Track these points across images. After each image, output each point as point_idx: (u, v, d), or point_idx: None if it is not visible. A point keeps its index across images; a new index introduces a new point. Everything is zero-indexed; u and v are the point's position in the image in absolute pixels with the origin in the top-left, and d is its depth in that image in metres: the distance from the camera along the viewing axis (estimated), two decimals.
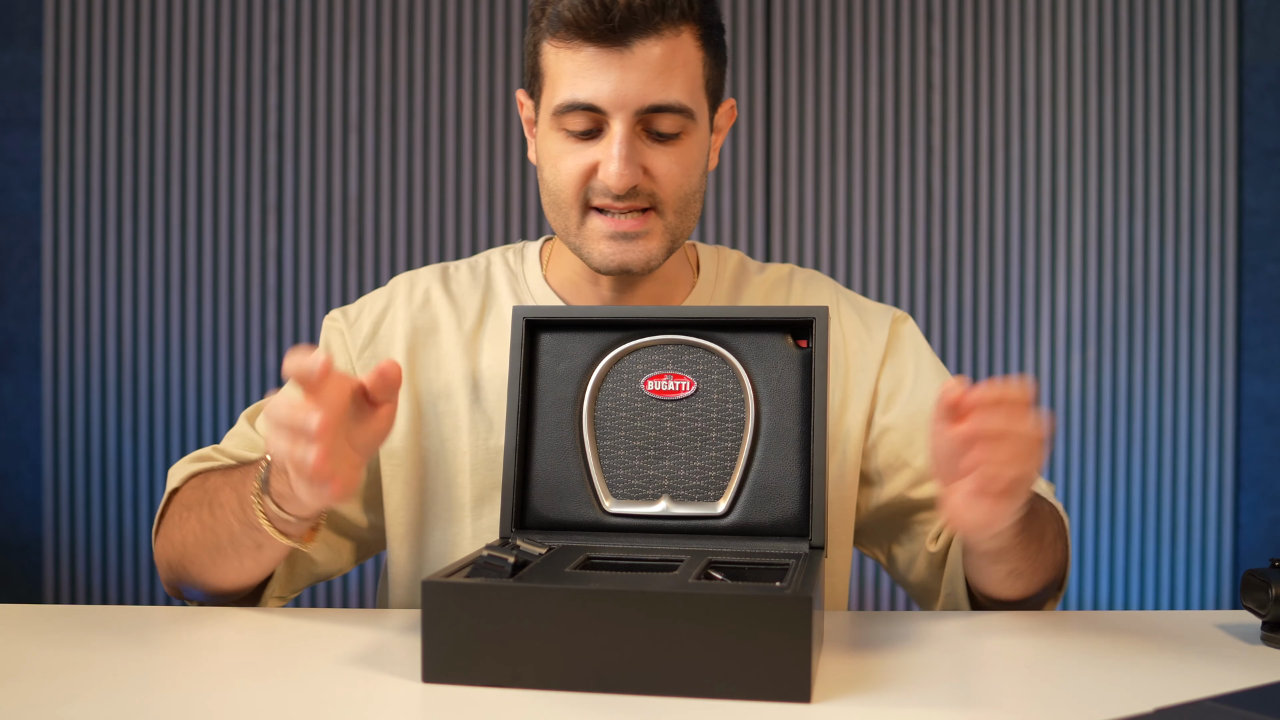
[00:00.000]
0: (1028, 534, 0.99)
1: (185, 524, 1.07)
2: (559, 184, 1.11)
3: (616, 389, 1.01)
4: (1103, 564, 2.92)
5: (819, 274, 1.27)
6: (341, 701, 0.78)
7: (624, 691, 0.77)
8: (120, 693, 0.80)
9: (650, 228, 1.10)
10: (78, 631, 0.97)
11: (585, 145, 1.08)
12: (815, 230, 2.92)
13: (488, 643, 0.78)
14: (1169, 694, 0.79)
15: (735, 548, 0.95)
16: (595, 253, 1.11)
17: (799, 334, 1.01)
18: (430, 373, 1.18)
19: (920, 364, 1.21)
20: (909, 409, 1.18)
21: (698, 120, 1.10)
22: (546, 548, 0.90)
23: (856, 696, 0.79)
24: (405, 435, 1.17)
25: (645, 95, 1.05)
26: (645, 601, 0.77)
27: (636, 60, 1.04)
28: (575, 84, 1.06)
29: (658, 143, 1.08)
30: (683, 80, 1.07)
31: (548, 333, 1.03)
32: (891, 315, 1.23)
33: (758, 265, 1.27)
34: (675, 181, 1.09)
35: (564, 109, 1.07)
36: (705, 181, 1.16)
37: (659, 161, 1.08)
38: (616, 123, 1.06)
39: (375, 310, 1.22)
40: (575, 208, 1.11)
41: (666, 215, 1.10)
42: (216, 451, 1.17)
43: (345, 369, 1.18)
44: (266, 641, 0.95)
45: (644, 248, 1.10)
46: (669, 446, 1.00)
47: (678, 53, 1.06)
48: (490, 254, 1.27)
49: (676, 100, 1.06)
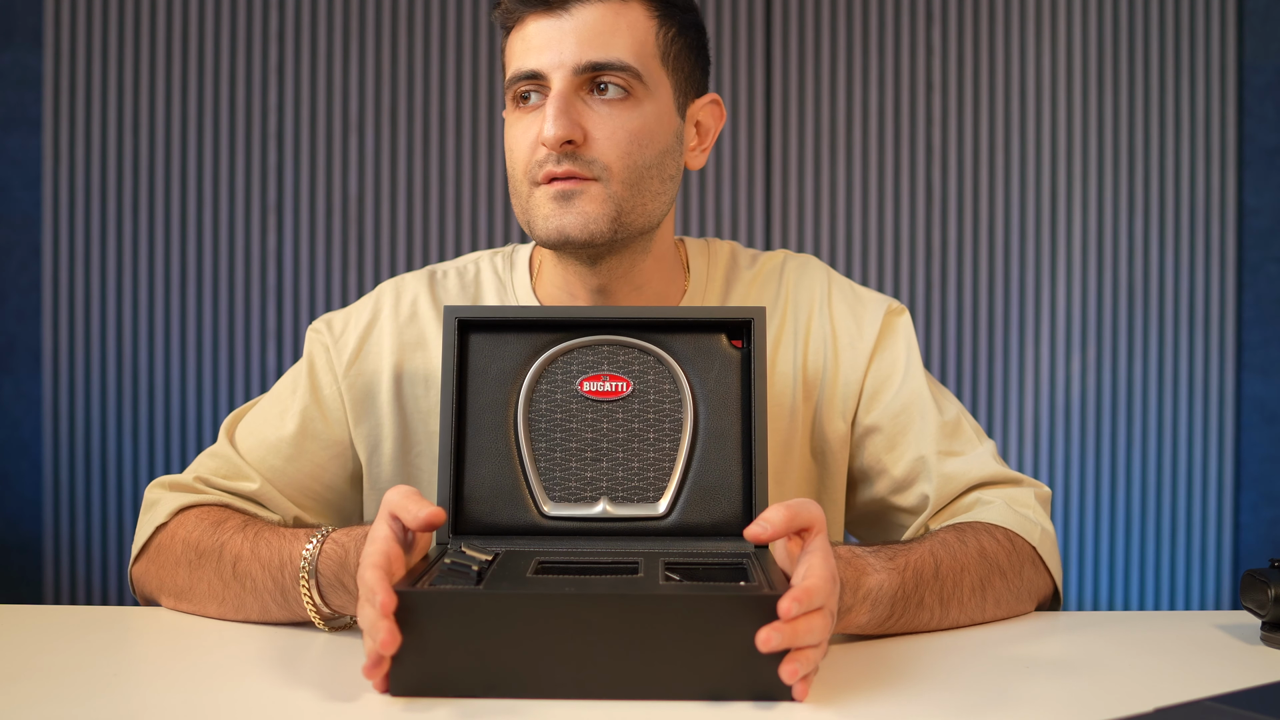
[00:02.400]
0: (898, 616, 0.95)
1: (196, 574, 1.03)
2: (512, 162, 1.10)
3: (551, 390, 1.00)
4: (1103, 564, 2.92)
5: (813, 260, 1.23)
6: (342, 701, 0.78)
7: (605, 697, 0.76)
8: (120, 693, 0.80)
9: (588, 190, 1.05)
10: (78, 631, 0.97)
11: (533, 115, 1.08)
12: (815, 230, 2.92)
13: (460, 652, 0.76)
14: (1169, 694, 0.79)
15: (679, 548, 0.94)
16: (539, 220, 1.07)
17: (735, 334, 1.01)
18: (418, 390, 1.15)
19: (910, 361, 1.18)
20: (893, 407, 1.16)
21: (651, 88, 1.07)
22: (492, 554, 0.88)
23: (846, 695, 0.79)
24: (392, 458, 1.16)
25: (581, 54, 1.05)
26: (628, 604, 0.76)
27: (575, 23, 1.06)
28: (522, 57, 1.08)
29: (603, 104, 1.06)
30: (627, 42, 1.06)
31: (480, 333, 1.01)
32: (886, 307, 1.19)
33: (750, 256, 1.22)
34: (620, 147, 1.06)
35: (512, 81, 1.09)
36: (673, 166, 1.11)
37: (602, 124, 1.06)
38: (555, 81, 1.06)
39: (361, 324, 1.18)
40: (525, 183, 1.09)
41: (611, 185, 1.06)
42: (200, 482, 1.12)
43: (330, 389, 1.16)
44: (266, 642, 0.95)
45: (581, 209, 1.05)
46: (606, 448, 0.99)
47: (621, 16, 1.06)
48: (480, 259, 1.23)
49: (617, 58, 1.05)
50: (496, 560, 0.88)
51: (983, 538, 1.03)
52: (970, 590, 0.99)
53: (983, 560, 1.01)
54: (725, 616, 0.76)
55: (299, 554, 0.96)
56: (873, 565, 0.93)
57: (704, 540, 0.96)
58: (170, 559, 1.05)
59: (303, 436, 1.15)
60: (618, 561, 0.90)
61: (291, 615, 0.99)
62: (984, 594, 1.00)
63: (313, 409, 1.16)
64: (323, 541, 0.95)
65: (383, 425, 1.16)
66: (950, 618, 0.99)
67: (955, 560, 0.99)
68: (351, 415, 1.16)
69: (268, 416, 1.16)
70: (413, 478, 1.16)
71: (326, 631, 0.97)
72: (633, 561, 0.89)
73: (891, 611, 0.94)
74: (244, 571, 0.99)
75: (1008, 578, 1.02)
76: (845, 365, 1.18)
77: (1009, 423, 2.93)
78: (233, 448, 1.15)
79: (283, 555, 0.97)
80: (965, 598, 0.99)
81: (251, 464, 1.14)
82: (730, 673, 0.76)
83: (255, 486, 1.13)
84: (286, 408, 1.16)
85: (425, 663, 0.77)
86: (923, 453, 1.14)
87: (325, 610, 0.96)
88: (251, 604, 1.00)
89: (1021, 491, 1.12)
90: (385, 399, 1.16)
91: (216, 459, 1.14)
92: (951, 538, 1.02)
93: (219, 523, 1.05)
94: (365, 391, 1.16)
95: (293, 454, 1.15)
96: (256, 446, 1.14)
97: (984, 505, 1.10)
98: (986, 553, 1.02)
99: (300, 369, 1.18)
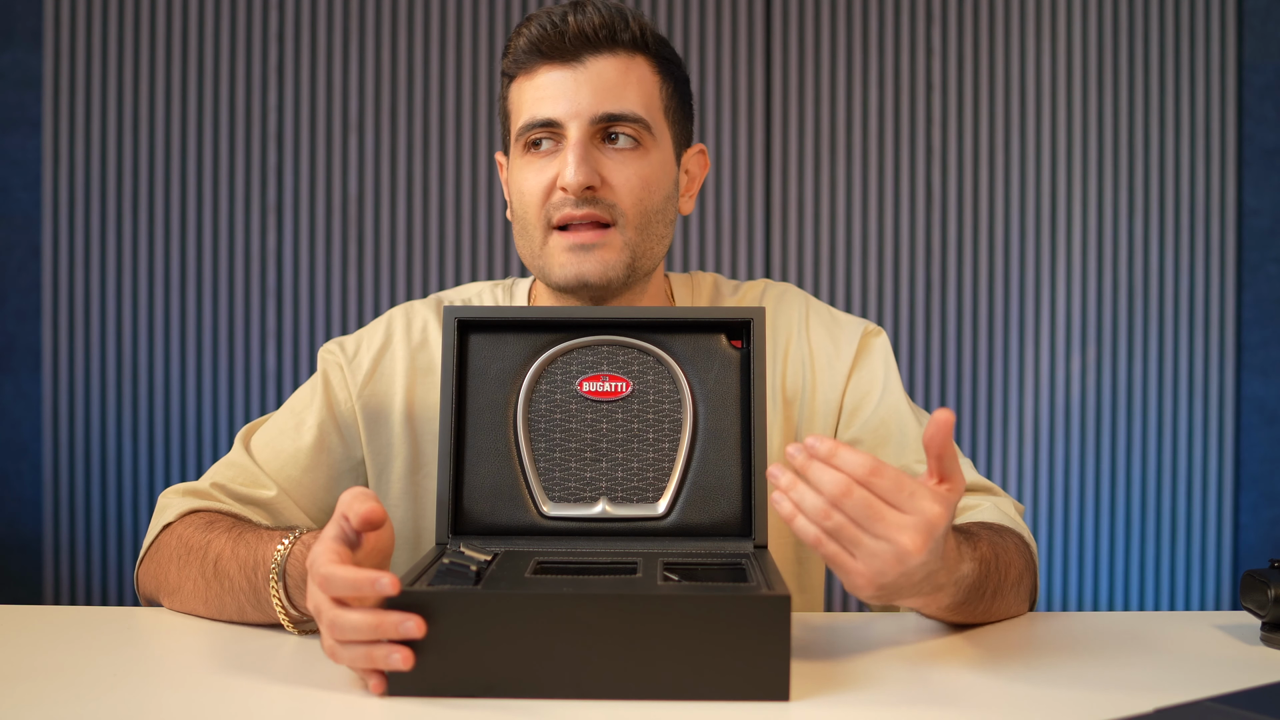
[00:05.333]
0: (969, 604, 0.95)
1: (184, 571, 1.04)
2: (524, 205, 1.14)
3: (551, 390, 1.00)
4: (1103, 564, 2.92)
5: (792, 287, 1.27)
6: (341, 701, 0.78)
7: (603, 697, 0.76)
8: (120, 693, 0.80)
9: (608, 240, 1.11)
10: (78, 631, 0.97)
11: (547, 161, 1.12)
12: (815, 230, 2.92)
13: (457, 652, 0.76)
14: (1169, 694, 0.79)
15: (678, 548, 0.94)
16: (555, 266, 1.12)
17: (734, 335, 1.01)
18: (429, 414, 1.18)
19: (888, 378, 1.20)
20: (872, 422, 1.18)
21: (657, 138, 1.14)
22: (491, 554, 0.88)
23: (837, 695, 0.79)
24: (401, 477, 1.18)
25: (599, 104, 1.10)
26: (626, 605, 0.76)
27: (590, 74, 1.11)
28: (536, 104, 1.12)
29: (616, 152, 1.11)
30: (637, 95, 1.12)
31: (479, 334, 1.01)
32: (863, 328, 1.23)
33: (732, 286, 1.27)
34: (634, 194, 1.11)
35: (525, 128, 1.12)
36: (672, 211, 1.17)
37: (617, 171, 1.11)
38: (572, 130, 1.10)
39: (374, 346, 1.21)
40: (539, 227, 1.12)
41: (627, 231, 1.11)
42: (215, 489, 1.13)
43: (345, 405, 1.19)
44: (266, 642, 0.95)
45: (600, 258, 1.11)
46: (606, 448, 0.99)
47: (631, 71, 1.12)
48: (482, 290, 1.27)
49: (631, 110, 1.11)
50: (495, 560, 0.88)
51: (1008, 536, 1.04)
52: (1011, 585, 1.00)
53: (1019, 554, 1.03)
54: (723, 617, 0.76)
55: (271, 554, 0.95)
56: (965, 551, 0.92)
57: (703, 540, 0.96)
58: (165, 555, 1.07)
59: (319, 449, 1.17)
60: (616, 562, 0.90)
61: (265, 617, 0.98)
62: (1019, 589, 1.02)
63: (329, 423, 1.18)
64: (294, 542, 0.95)
65: (393, 445, 1.18)
66: (994, 610, 1.00)
67: (1005, 554, 1.00)
68: (365, 433, 1.18)
69: (284, 429, 1.18)
70: (419, 497, 1.18)
71: (296, 635, 0.96)
72: (631, 562, 0.89)
73: (966, 599, 0.93)
74: (224, 571, 1.00)
75: (1024, 576, 1.04)
76: (823, 384, 1.21)
77: (1009, 423, 2.93)
78: (249, 457, 1.17)
79: (257, 555, 0.97)
80: (1008, 592, 1.00)
81: (269, 473, 1.15)
82: (728, 673, 0.76)
83: (272, 495, 1.14)
84: (303, 420, 1.18)
85: (423, 663, 0.77)
86: (904, 462, 1.16)
87: (293, 612, 0.95)
88: (229, 604, 1.00)
89: (1002, 501, 1.14)
90: (397, 420, 1.18)
91: (234, 467, 1.16)
92: (993, 534, 1.02)
93: (211, 523, 1.06)
94: (378, 412, 1.18)
95: (309, 465, 1.17)
96: (274, 457, 1.16)
97: (974, 510, 1.11)
98: (1020, 549, 1.04)
99: (315, 384, 1.21)
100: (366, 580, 0.76)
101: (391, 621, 0.75)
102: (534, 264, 1.15)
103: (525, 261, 1.17)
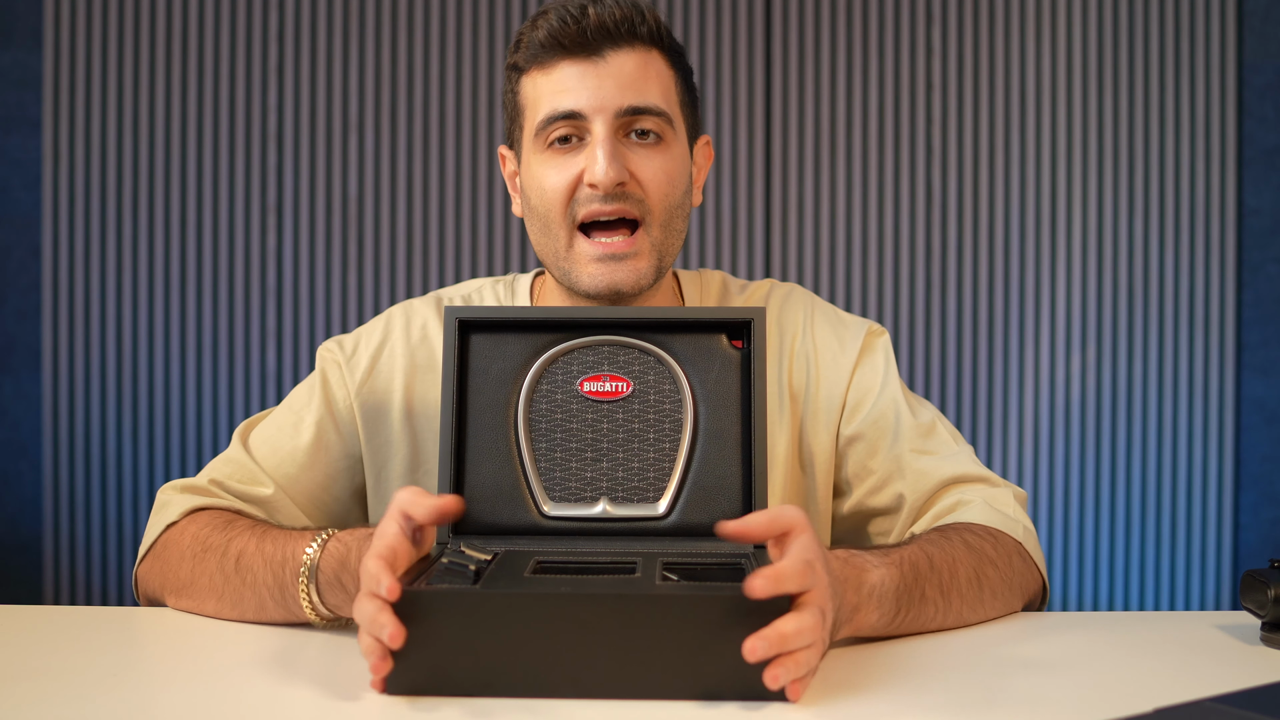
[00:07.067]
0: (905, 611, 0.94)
1: (199, 568, 1.03)
2: (546, 203, 1.12)
3: (552, 390, 1.00)
4: (1103, 564, 2.92)
5: (798, 288, 1.27)
6: (340, 700, 0.78)
7: (602, 696, 0.76)
8: (120, 693, 0.80)
9: (638, 248, 1.11)
10: (78, 631, 0.97)
11: (570, 156, 1.11)
12: (815, 230, 2.92)
13: (457, 651, 0.76)
14: (1169, 694, 0.79)
15: (679, 548, 0.94)
16: (584, 275, 1.11)
17: (734, 335, 1.01)
18: (429, 410, 1.18)
19: (888, 375, 1.21)
20: (872, 416, 1.19)
21: (677, 131, 1.13)
22: (491, 553, 0.88)
23: (837, 695, 0.80)
24: (400, 475, 1.17)
25: (623, 97, 1.09)
26: (625, 604, 0.76)
27: (612, 68, 1.09)
28: (556, 98, 1.10)
29: (641, 145, 1.11)
30: (658, 88, 1.11)
31: (480, 333, 1.01)
32: (866, 328, 1.24)
33: (739, 285, 1.27)
34: (661, 188, 1.11)
35: (547, 122, 1.10)
36: (689, 205, 1.17)
37: (644, 165, 1.10)
38: (598, 125, 1.09)
39: (373, 343, 1.20)
40: (563, 226, 1.11)
41: (653, 230, 1.11)
42: (214, 485, 1.13)
43: (343, 404, 1.18)
44: (266, 642, 0.95)
45: (633, 267, 1.11)
46: (606, 448, 0.99)
47: (650, 64, 1.11)
48: (482, 286, 1.26)
49: (655, 103, 1.10)
50: (495, 560, 0.88)
51: (965, 534, 1.04)
52: (967, 581, 0.99)
53: (970, 552, 1.02)
54: (722, 617, 0.76)
55: (302, 551, 0.96)
56: (871, 562, 0.93)
57: (704, 540, 0.96)
58: (176, 553, 1.06)
59: (317, 447, 1.17)
60: (616, 561, 0.90)
61: (287, 614, 0.99)
62: (980, 584, 1.01)
63: (327, 421, 1.18)
64: (327, 540, 0.96)
65: (393, 443, 1.18)
66: (954, 611, 0.99)
67: (945, 553, 0.99)
68: (363, 431, 1.18)
69: (282, 426, 1.18)
70: None
71: (321, 626, 0.98)
72: (631, 561, 0.89)
73: (898, 607, 0.93)
74: (246, 566, 1.00)
75: (999, 567, 1.03)
76: (827, 381, 1.21)
77: (1009, 423, 2.93)
78: (247, 454, 1.16)
79: (285, 551, 0.98)
80: (964, 588, 0.99)
81: (267, 471, 1.15)
82: (726, 672, 0.76)
83: (269, 492, 1.14)
84: (301, 418, 1.18)
85: (422, 662, 0.77)
86: (898, 453, 1.17)
87: (322, 609, 0.96)
88: (249, 600, 1.00)
89: (999, 491, 1.13)
90: (396, 417, 1.18)
91: (231, 464, 1.16)
92: (935, 536, 1.03)
93: (230, 522, 1.06)
94: (377, 409, 1.18)
95: (307, 463, 1.16)
96: (272, 454, 1.16)
97: (965, 506, 1.11)
98: (972, 546, 1.02)
99: (314, 382, 1.20)
100: (373, 579, 0.77)
101: (380, 621, 0.76)
102: (557, 266, 1.14)
103: (545, 262, 1.15)
